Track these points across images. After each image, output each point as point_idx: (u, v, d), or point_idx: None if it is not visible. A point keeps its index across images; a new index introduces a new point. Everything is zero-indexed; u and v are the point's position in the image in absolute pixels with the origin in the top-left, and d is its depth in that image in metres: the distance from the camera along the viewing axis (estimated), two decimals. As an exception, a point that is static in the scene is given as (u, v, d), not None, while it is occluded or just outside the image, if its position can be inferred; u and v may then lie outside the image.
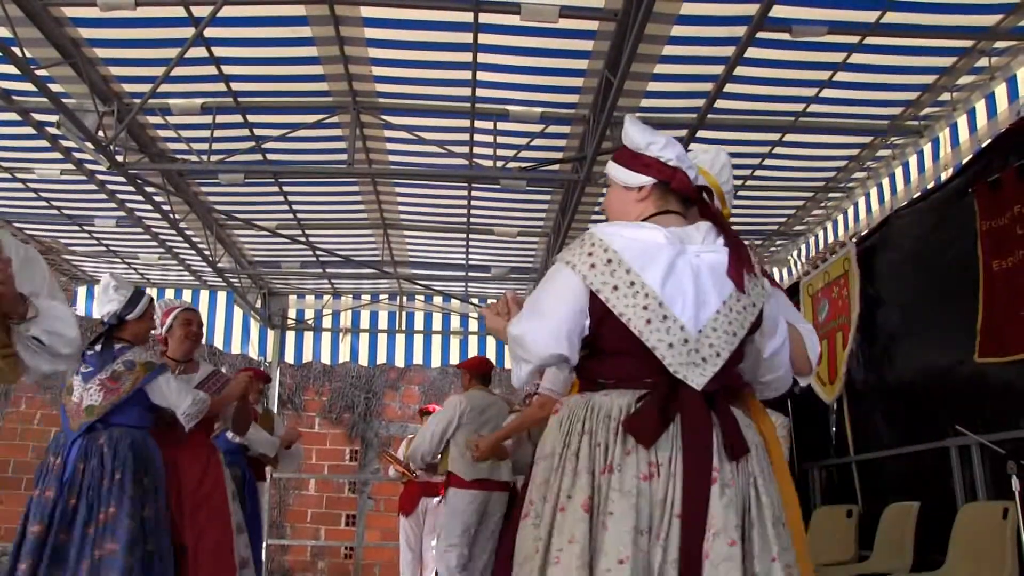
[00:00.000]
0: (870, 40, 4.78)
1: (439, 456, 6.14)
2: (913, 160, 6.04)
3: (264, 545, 6.68)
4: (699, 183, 2.36)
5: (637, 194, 2.34)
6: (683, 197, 2.34)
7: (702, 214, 2.34)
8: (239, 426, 5.03)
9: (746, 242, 2.30)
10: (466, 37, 4.84)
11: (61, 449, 4.07)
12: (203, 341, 5.20)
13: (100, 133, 5.34)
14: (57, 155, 5.96)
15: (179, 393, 4.32)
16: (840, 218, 7.22)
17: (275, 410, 9.30)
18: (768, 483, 2.08)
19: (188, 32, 4.68)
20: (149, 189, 6.43)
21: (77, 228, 7.73)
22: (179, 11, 4.62)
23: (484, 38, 4.85)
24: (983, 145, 5.08)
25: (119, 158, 5.67)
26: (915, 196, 5.85)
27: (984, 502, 4.65)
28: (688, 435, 2.01)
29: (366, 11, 4.70)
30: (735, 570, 1.90)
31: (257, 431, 6.27)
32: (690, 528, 1.92)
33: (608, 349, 2.16)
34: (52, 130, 5.51)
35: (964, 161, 5.29)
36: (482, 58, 5.05)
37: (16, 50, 4.48)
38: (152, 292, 8.10)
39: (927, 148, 5.84)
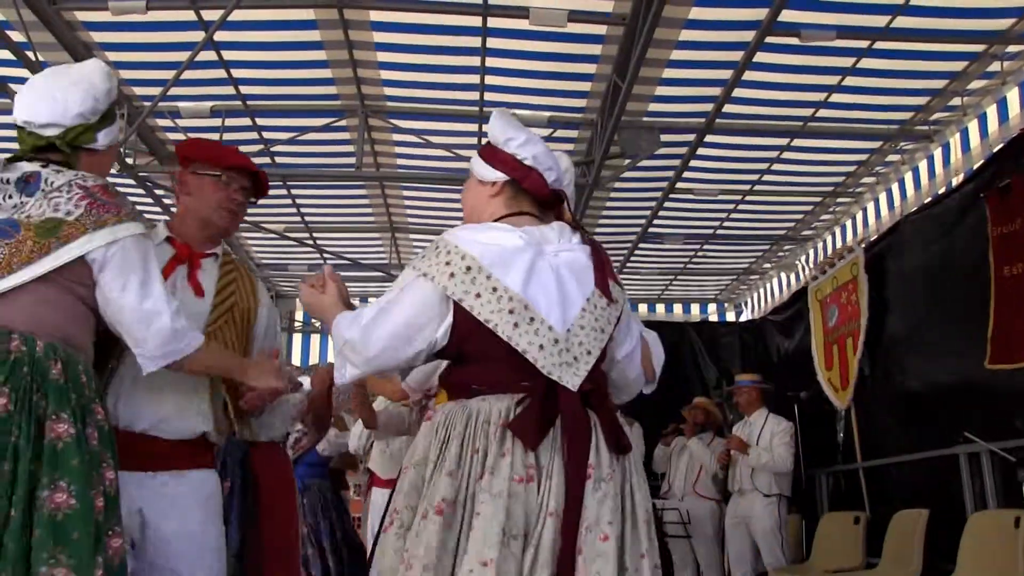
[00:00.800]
0: (880, 45, 4.77)
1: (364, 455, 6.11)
2: (923, 165, 6.02)
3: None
4: (557, 186, 2.31)
5: (490, 189, 2.31)
6: (537, 199, 2.30)
7: (557, 217, 2.32)
8: (320, 422, 4.99)
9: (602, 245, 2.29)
10: (475, 41, 4.84)
11: None
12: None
13: (110, 136, 5.35)
14: (67, 157, 5.98)
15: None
16: (849, 223, 7.20)
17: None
18: (641, 482, 2.06)
19: (198, 36, 4.69)
20: (158, 192, 6.44)
21: (86, 230, 7.75)
22: (189, 15, 4.63)
23: (492, 42, 4.85)
24: (994, 150, 5.06)
25: (129, 161, 5.69)
26: (925, 201, 5.83)
27: (994, 510, 4.63)
28: (568, 437, 1.97)
29: (375, 15, 4.71)
30: (608, 564, 1.87)
31: (341, 435, 6.23)
32: (565, 525, 1.89)
33: (477, 356, 2.10)
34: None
35: (975, 166, 5.27)
36: (490, 62, 5.05)
37: (30, 54, 4.49)
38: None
39: (937, 153, 5.82)
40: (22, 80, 4.97)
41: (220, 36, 4.73)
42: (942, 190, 5.69)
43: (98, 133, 2.34)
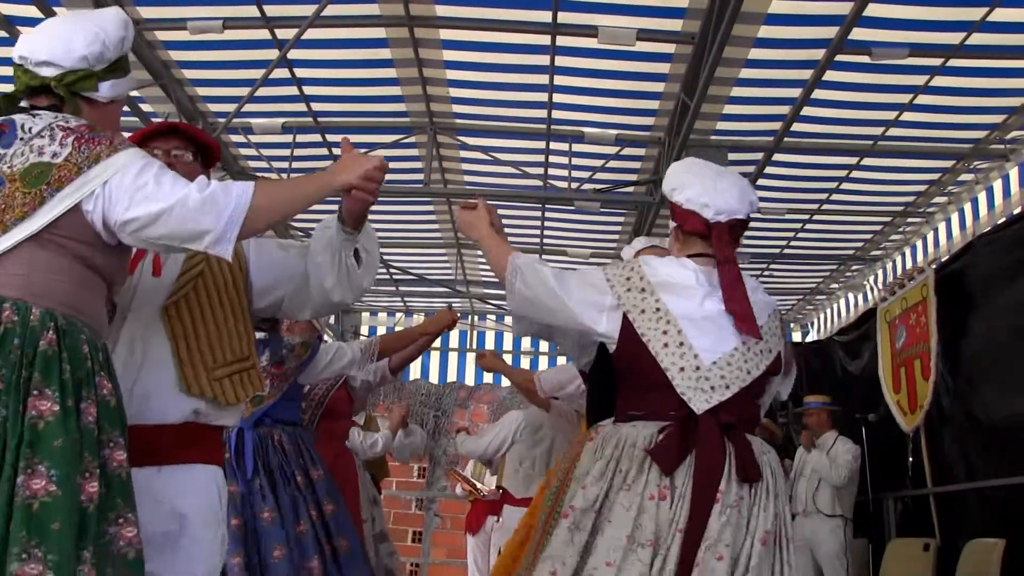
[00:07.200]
0: (954, 62, 4.69)
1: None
2: (998, 185, 5.89)
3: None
4: (720, 218, 2.46)
5: (672, 237, 2.59)
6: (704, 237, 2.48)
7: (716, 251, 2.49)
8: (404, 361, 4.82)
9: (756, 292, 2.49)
10: (543, 59, 4.88)
11: (225, 442, 3.52)
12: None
13: (185, 151, 5.49)
14: (144, 172, 6.14)
15: (344, 351, 4.14)
16: (919, 243, 7.08)
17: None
18: (769, 505, 2.23)
19: (272, 54, 4.80)
20: (230, 206, 6.58)
21: (160, 243, 7.93)
22: (264, 34, 4.75)
23: (561, 60, 4.89)
24: (1072, 170, 4.94)
25: (203, 175, 5.82)
26: (999, 222, 5.70)
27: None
28: (701, 463, 2.20)
29: (445, 34, 4.77)
30: None
31: (366, 435, 6.16)
32: (689, 541, 2.12)
33: (641, 382, 2.36)
34: (140, 148, 5.68)
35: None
36: (559, 80, 5.08)
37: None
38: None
39: (1013, 173, 5.69)
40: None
41: (293, 54, 4.84)
42: (1018, 210, 5.57)
43: (101, 83, 2.10)
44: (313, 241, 2.42)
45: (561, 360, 9.57)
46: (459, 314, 4.75)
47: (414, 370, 9.84)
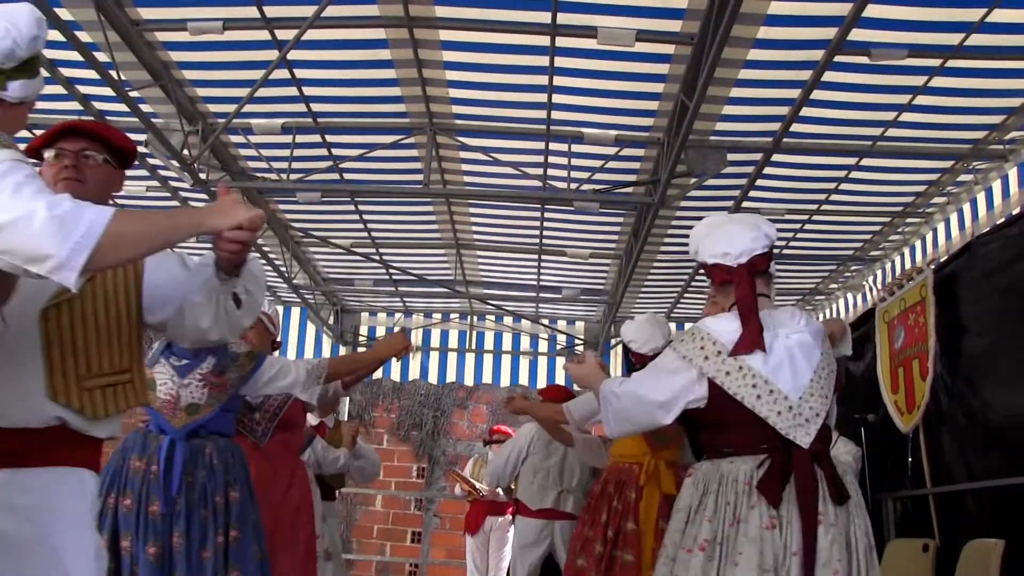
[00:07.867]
0: (952, 63, 4.70)
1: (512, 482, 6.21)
2: (997, 185, 5.90)
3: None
4: (740, 261, 2.79)
5: (715, 297, 2.90)
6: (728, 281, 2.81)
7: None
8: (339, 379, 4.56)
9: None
10: (542, 60, 4.88)
11: (154, 453, 3.52)
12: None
13: (185, 151, 5.50)
14: (143, 172, 6.16)
15: (288, 368, 3.88)
16: (918, 244, 7.08)
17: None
18: (862, 522, 2.56)
19: (271, 54, 4.81)
20: (230, 206, 6.57)
21: (160, 243, 7.92)
22: (264, 35, 4.75)
23: (560, 61, 4.89)
24: (1071, 171, 4.94)
25: (202, 176, 5.84)
26: (998, 223, 5.71)
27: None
28: (801, 491, 2.48)
29: (444, 35, 4.78)
30: None
31: (329, 449, 6.13)
32: (806, 562, 2.41)
33: (728, 423, 2.64)
34: (140, 148, 5.69)
35: (1051, 187, 5.14)
36: (558, 81, 5.08)
37: (113, 73, 4.65)
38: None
39: (1012, 173, 5.69)
40: (104, 99, 5.16)
41: (293, 55, 4.84)
42: (1017, 210, 5.57)
43: (10, 82, 1.97)
44: (193, 277, 2.31)
45: (561, 360, 9.59)
46: (411, 343, 4.47)
47: (413, 370, 9.84)
